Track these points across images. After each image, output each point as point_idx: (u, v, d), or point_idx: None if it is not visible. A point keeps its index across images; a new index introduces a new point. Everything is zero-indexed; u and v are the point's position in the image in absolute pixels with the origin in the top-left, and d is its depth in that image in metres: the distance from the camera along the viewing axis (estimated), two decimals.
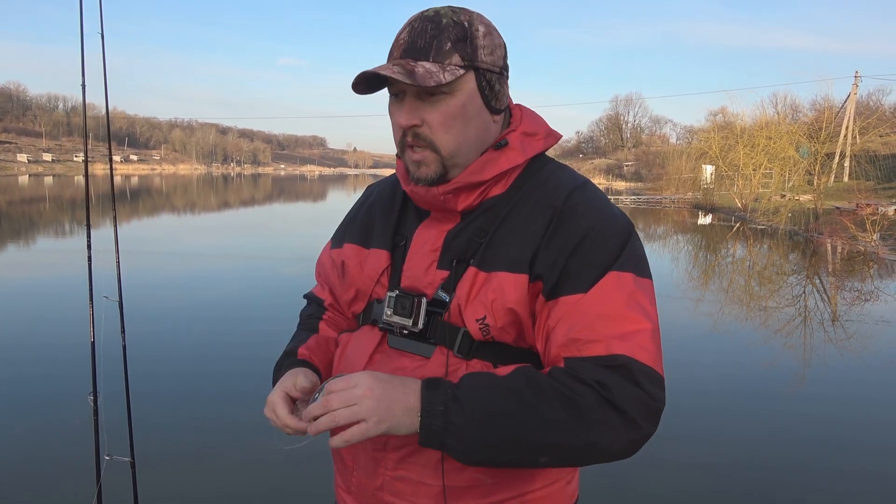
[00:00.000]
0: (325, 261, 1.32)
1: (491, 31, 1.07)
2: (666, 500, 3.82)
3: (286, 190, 63.88)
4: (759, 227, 24.67)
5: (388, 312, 1.09)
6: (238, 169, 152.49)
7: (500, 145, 1.09)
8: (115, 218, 1.77)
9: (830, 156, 29.49)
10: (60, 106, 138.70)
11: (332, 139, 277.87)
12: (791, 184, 29.51)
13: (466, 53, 1.02)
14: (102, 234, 1.96)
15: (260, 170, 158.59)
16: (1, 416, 4.74)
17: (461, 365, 1.05)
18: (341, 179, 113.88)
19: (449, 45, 1.01)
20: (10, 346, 6.67)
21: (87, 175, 1.62)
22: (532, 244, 1.03)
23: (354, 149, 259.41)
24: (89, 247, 1.71)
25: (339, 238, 1.29)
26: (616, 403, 0.94)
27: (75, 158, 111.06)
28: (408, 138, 1.05)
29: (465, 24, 1.03)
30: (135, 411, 1.87)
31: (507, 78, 1.10)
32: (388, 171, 1.44)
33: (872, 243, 16.54)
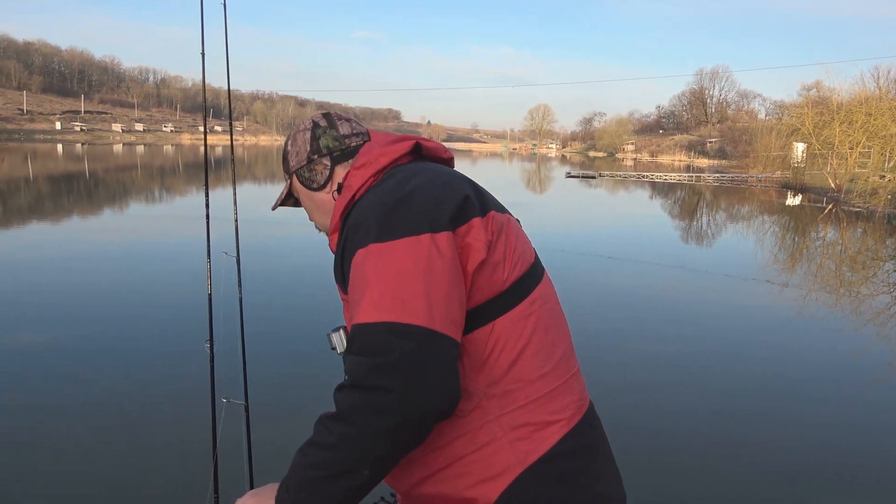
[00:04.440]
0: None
1: (295, 138, 1.36)
2: (753, 482, 3.72)
3: None
4: (855, 209, 23.21)
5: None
6: None
7: (338, 190, 1.26)
8: (233, 178, 1.91)
9: None
10: (150, 78, 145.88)
11: (406, 112, 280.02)
12: (893, 164, 27.55)
13: (285, 167, 1.37)
14: (201, 200, 2.06)
15: None
16: (128, 362, 5.14)
17: None
18: None
19: (283, 168, 1.39)
20: (134, 301, 7.14)
21: (205, 142, 1.73)
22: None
23: (428, 122, 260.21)
24: (207, 205, 1.86)
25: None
26: (358, 383, 0.97)
27: (164, 129, 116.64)
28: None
29: (284, 148, 1.38)
30: (248, 359, 1.98)
31: (319, 157, 1.32)
32: (461, 146, 1.41)
33: None
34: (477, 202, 1.13)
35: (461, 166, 1.33)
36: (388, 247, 1.03)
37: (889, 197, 22.98)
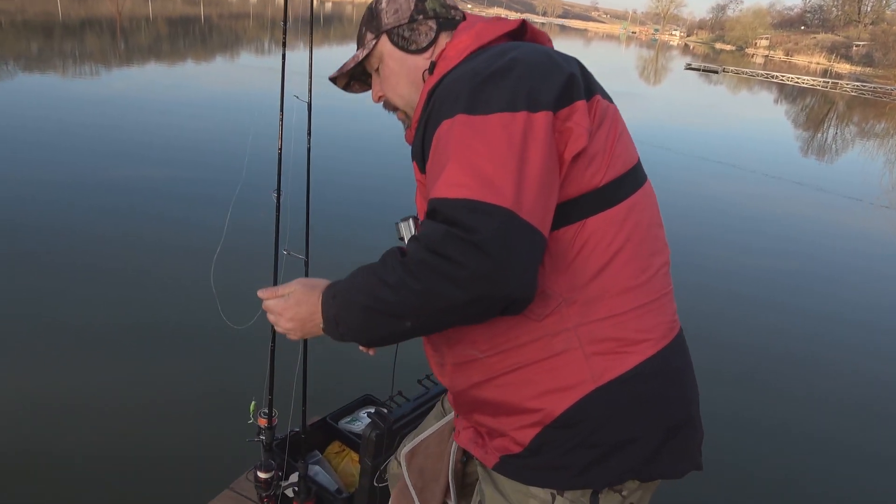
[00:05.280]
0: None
1: None
2: (838, 412, 3.66)
3: None
4: None
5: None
6: None
7: (430, 71, 1.19)
8: (311, 18, 1.88)
9: None
10: None
11: None
12: None
13: (373, 27, 1.23)
14: (296, 54, 2.05)
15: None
16: (200, 205, 5.49)
17: None
18: None
19: (364, 29, 1.25)
20: (208, 148, 7.53)
21: None
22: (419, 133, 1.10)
23: None
24: (284, 45, 1.85)
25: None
26: (433, 247, 0.89)
27: None
28: (385, 108, 1.30)
29: (372, 5, 1.24)
30: (312, 215, 2.05)
31: (425, 19, 1.20)
32: (577, 23, 1.31)
33: None
34: (583, 83, 1.03)
35: (571, 48, 1.25)
36: (479, 120, 0.94)
37: None
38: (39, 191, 5.53)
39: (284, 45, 1.85)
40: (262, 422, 2.03)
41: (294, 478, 2.05)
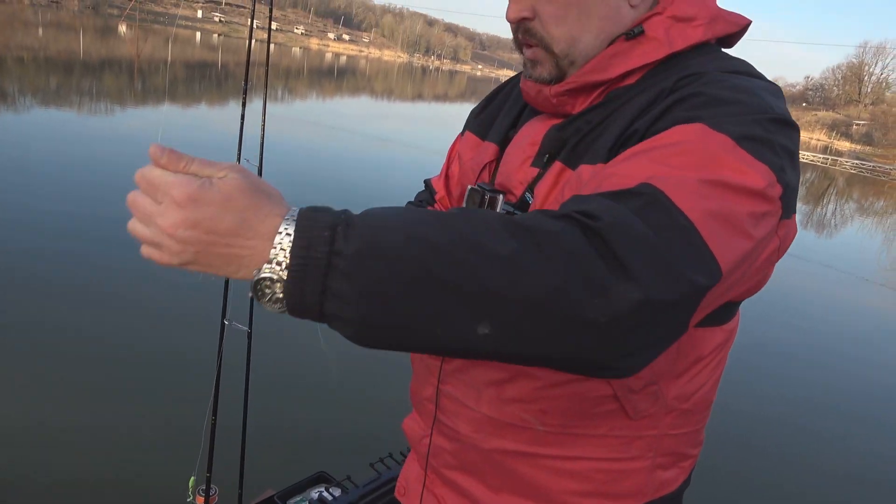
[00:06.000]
0: (454, 147, 1.15)
1: None
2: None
3: (478, 91, 64.02)
4: None
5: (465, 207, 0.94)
6: (437, 63, 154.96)
7: (632, 34, 0.83)
8: (266, 82, 1.83)
9: None
10: None
11: None
12: None
13: None
14: (317, 106, 2.07)
15: (458, 66, 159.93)
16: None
17: None
18: None
19: None
20: None
21: (251, 32, 1.69)
22: (619, 129, 0.78)
23: None
24: (242, 117, 1.79)
25: (467, 124, 1.11)
26: (603, 235, 0.58)
27: (295, 30, 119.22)
28: (519, 35, 0.88)
29: None
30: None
31: None
32: None
33: None
34: None
35: None
36: (747, 157, 0.68)
37: None
38: (36, 220, 5.56)
39: (244, 104, 1.80)
40: (200, 501, 1.90)
41: None
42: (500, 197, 0.89)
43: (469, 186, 0.94)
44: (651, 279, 0.57)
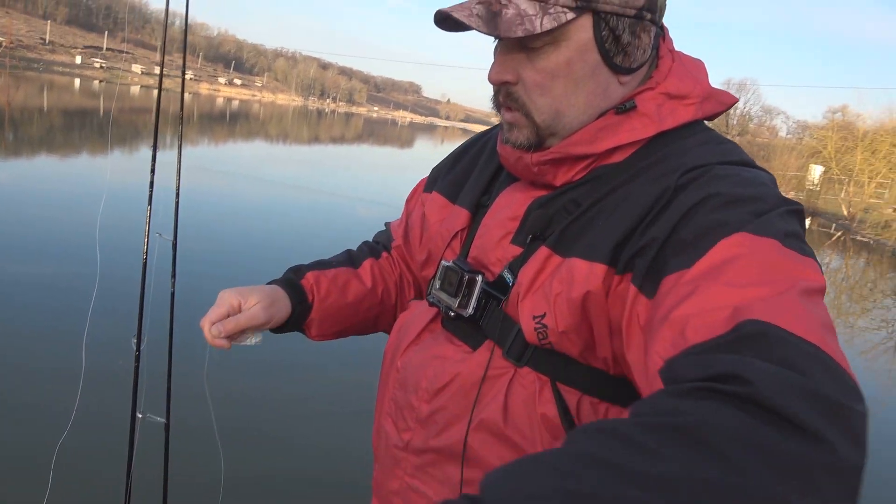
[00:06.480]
0: (414, 196, 1.11)
1: None
2: None
3: (375, 133, 64.58)
4: (864, 239, 23.05)
5: (437, 285, 0.91)
6: (333, 105, 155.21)
7: (624, 108, 0.80)
8: (179, 151, 1.73)
9: None
10: (177, 22, 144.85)
11: (427, 88, 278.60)
12: None
13: None
14: (195, 152, 1.97)
15: (354, 109, 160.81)
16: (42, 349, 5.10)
17: (508, 371, 0.82)
18: (430, 129, 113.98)
19: None
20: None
21: (160, 93, 1.60)
22: (622, 228, 0.75)
23: (448, 100, 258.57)
24: (152, 184, 1.66)
25: (433, 181, 1.07)
26: (761, 401, 0.48)
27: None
28: (500, 97, 0.84)
29: None
30: (176, 367, 1.79)
31: (655, 23, 0.81)
32: (480, 128, 1.31)
33: None
34: None
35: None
36: (797, 256, 0.65)
37: None
38: None
39: (152, 184, 1.70)
40: None
41: None
42: (479, 278, 0.85)
43: (444, 264, 0.90)
44: (833, 427, 0.47)
